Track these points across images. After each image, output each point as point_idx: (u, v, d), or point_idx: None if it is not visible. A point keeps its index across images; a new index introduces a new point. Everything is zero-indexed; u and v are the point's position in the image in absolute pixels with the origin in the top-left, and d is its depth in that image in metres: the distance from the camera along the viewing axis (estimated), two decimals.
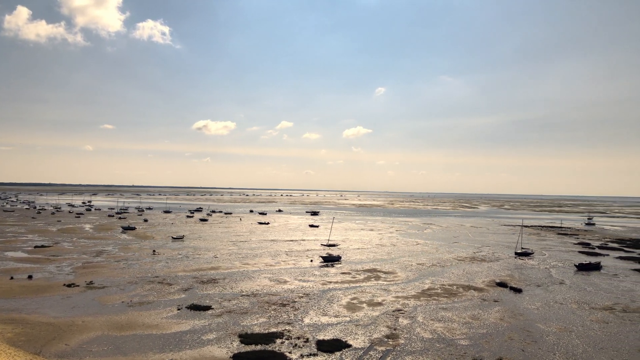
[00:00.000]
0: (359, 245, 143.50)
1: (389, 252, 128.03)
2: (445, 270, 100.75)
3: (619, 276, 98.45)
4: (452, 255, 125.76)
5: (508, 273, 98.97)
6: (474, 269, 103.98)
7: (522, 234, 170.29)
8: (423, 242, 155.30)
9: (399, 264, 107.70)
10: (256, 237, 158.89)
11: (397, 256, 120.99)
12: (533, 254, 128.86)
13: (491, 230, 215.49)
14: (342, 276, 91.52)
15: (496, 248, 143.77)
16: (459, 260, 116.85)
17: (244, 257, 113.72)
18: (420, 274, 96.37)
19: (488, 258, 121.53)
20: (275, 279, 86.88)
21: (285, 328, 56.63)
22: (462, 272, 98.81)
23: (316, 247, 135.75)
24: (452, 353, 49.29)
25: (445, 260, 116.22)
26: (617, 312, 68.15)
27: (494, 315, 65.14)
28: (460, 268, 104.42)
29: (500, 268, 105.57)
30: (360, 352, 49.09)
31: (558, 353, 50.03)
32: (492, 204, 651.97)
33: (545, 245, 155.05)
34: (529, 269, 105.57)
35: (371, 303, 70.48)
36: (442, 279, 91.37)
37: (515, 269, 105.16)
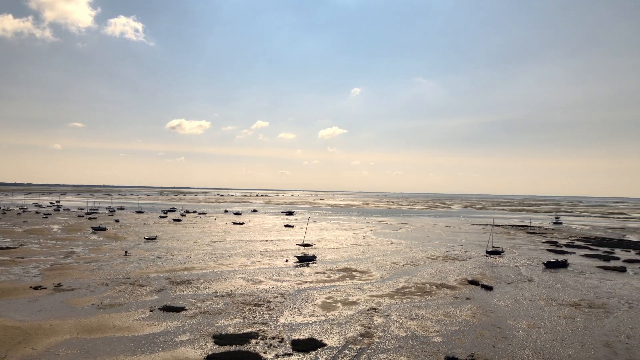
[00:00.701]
0: (334, 244, 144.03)
1: (364, 252, 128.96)
2: (419, 269, 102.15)
3: (584, 273, 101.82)
4: (426, 254, 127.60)
5: (479, 271, 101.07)
6: (446, 267, 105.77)
7: (493, 233, 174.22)
8: (397, 242, 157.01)
9: (373, 263, 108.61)
10: (231, 237, 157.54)
11: (371, 255, 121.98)
12: (503, 253, 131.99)
13: (463, 229, 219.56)
14: (317, 276, 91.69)
15: (468, 247, 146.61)
16: (432, 259, 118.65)
17: (218, 257, 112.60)
18: (394, 273, 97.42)
19: (460, 257, 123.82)
20: (250, 279, 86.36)
21: (260, 328, 56.38)
22: (435, 271, 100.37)
23: (291, 247, 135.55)
24: (425, 350, 50.03)
25: (419, 259, 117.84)
26: (583, 308, 70.49)
27: (466, 312, 66.43)
28: (433, 267, 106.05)
29: (472, 266, 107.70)
30: (335, 351, 49.30)
31: (527, 348, 51.41)
32: (464, 204, 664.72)
33: (515, 243, 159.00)
34: (500, 267, 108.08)
35: (346, 302, 70.86)
36: (415, 277, 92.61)
37: (487, 267, 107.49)
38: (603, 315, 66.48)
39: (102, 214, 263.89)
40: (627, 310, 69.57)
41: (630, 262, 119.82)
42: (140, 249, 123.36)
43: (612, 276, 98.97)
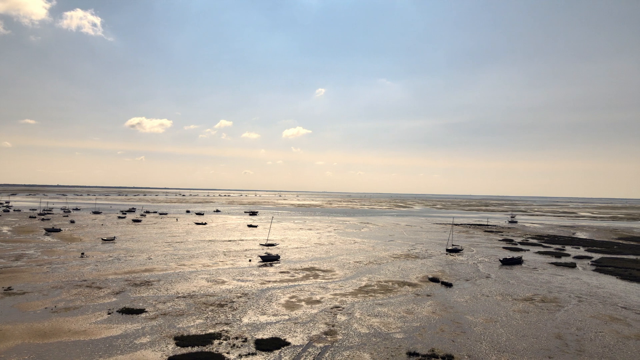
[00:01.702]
0: (298, 244, 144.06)
1: (327, 251, 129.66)
2: (382, 268, 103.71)
3: (537, 269, 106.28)
4: (388, 253, 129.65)
5: (440, 269, 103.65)
6: (408, 265, 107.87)
7: (452, 231, 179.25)
8: (360, 241, 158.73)
9: (337, 262, 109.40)
10: (193, 238, 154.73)
11: (335, 255, 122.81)
12: (462, 251, 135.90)
13: (424, 228, 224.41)
14: (281, 275, 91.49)
15: (429, 245, 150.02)
16: (394, 257, 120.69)
17: (180, 258, 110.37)
18: (357, 271, 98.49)
19: (421, 255, 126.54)
20: (212, 280, 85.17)
21: (223, 328, 55.76)
22: (397, 269, 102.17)
23: (255, 246, 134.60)
24: (387, 346, 50.91)
25: (382, 257, 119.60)
26: (536, 302, 73.60)
27: (426, 309, 68.02)
28: (395, 265, 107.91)
29: (432, 264, 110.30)
30: (299, 349, 49.41)
31: (484, 342, 53.22)
32: (425, 204, 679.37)
33: (473, 242, 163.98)
34: (459, 264, 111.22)
35: (310, 301, 71.09)
36: (378, 275, 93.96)
37: (447, 264, 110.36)
38: (555, 309, 69.62)
39: (56, 215, 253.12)
40: (577, 304, 73.15)
41: (579, 258, 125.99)
42: (98, 251, 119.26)
43: (563, 272, 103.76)
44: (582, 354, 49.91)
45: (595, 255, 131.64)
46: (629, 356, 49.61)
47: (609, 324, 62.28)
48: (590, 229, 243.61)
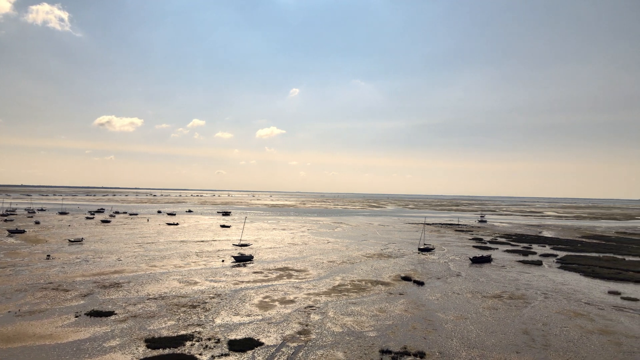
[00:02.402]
0: (271, 244, 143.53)
1: (301, 251, 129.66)
2: (355, 267, 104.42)
3: (506, 267, 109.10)
4: (361, 252, 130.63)
5: (412, 268, 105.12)
6: (381, 264, 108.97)
7: (424, 231, 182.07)
8: (334, 241, 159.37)
9: (310, 262, 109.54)
10: (164, 239, 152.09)
11: (308, 254, 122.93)
12: (434, 250, 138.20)
13: (397, 228, 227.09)
14: (254, 275, 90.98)
15: (401, 245, 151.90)
16: (367, 257, 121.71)
17: (151, 259, 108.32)
18: (331, 271, 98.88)
19: (394, 254, 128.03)
20: (185, 281, 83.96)
21: (196, 330, 55.08)
22: (370, 268, 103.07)
23: (228, 247, 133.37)
24: (361, 345, 51.35)
25: (355, 257, 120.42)
26: (505, 299, 75.56)
27: (399, 307, 68.91)
28: (368, 264, 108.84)
29: (405, 263, 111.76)
30: (273, 349, 49.30)
31: (455, 339, 54.32)
32: (398, 204, 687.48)
33: (444, 241, 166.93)
34: (431, 263, 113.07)
35: (283, 301, 70.98)
36: (351, 275, 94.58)
37: (419, 263, 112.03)
38: (522, 305, 71.64)
39: (20, 216, 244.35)
40: (543, 300, 75.47)
41: (545, 256, 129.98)
42: (65, 252, 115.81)
43: (530, 269, 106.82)
44: (548, 349, 51.54)
45: (560, 253, 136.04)
46: (592, 350, 51.52)
47: (573, 319, 64.51)
48: (555, 227, 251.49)
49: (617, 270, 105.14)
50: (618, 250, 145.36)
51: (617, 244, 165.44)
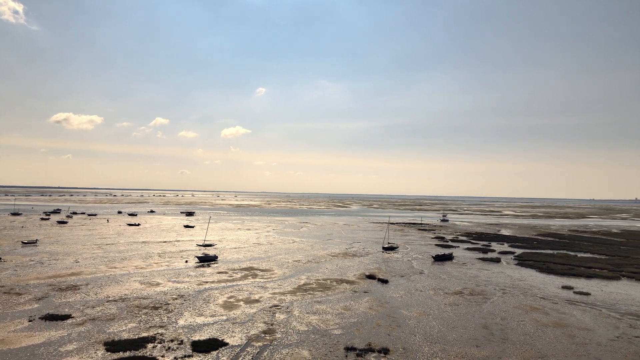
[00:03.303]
0: (236, 244, 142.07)
1: (266, 251, 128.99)
2: (320, 266, 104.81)
3: (467, 265, 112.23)
4: (327, 251, 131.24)
5: (376, 266, 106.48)
6: (346, 263, 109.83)
7: (388, 230, 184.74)
8: (299, 240, 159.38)
9: (275, 262, 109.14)
10: (125, 239, 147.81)
11: (273, 254, 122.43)
12: (398, 248, 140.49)
13: (362, 227, 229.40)
14: (218, 275, 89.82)
15: (366, 244, 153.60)
16: (332, 256, 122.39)
17: (110, 260, 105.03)
18: (296, 270, 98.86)
19: (359, 253, 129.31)
20: (146, 282, 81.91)
21: (158, 331, 53.86)
22: (335, 267, 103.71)
23: (191, 247, 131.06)
24: (326, 343, 51.63)
25: (320, 256, 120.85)
26: (465, 295, 77.73)
27: (364, 305, 69.68)
28: (333, 263, 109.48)
29: (369, 262, 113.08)
30: (237, 349, 48.86)
31: (418, 334, 55.46)
32: (362, 204, 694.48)
33: (408, 240, 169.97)
34: (394, 261, 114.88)
35: (248, 300, 70.44)
36: (317, 274, 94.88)
37: (383, 262, 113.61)
38: (482, 301, 73.90)
39: None
40: (502, 296, 78.11)
41: (503, 253, 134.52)
42: (17, 254, 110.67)
43: (489, 266, 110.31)
44: (506, 342, 53.41)
45: (518, 251, 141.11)
46: (547, 342, 53.75)
47: (529, 313, 67.07)
48: (513, 226, 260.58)
49: (570, 266, 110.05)
50: (571, 248, 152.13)
51: (570, 242, 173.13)
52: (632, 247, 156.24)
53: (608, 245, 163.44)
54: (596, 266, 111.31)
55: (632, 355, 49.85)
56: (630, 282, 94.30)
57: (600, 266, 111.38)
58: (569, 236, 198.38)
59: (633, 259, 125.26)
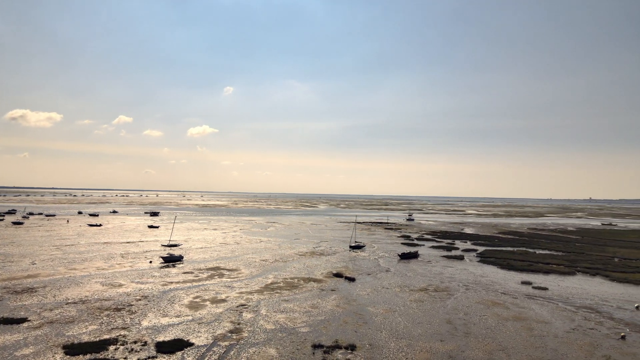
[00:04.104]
0: (202, 244, 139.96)
1: (233, 250, 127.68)
2: (288, 265, 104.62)
3: (431, 262, 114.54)
4: (294, 250, 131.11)
5: (343, 265, 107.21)
6: (313, 262, 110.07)
7: (355, 229, 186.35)
8: (266, 240, 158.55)
9: (242, 261, 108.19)
10: (86, 240, 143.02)
11: (241, 254, 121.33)
12: (364, 247, 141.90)
13: (329, 227, 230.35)
14: (184, 276, 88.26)
15: (333, 243, 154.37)
16: (300, 255, 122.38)
17: (70, 262, 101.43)
18: (263, 269, 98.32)
19: (326, 252, 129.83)
20: (108, 283, 79.56)
21: (121, 333, 52.44)
22: (303, 266, 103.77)
23: (156, 247, 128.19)
24: (293, 341, 51.62)
25: (288, 255, 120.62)
26: (430, 292, 79.35)
27: (331, 303, 70.05)
28: (301, 262, 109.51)
29: (336, 260, 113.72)
30: (203, 349, 48.18)
31: (384, 331, 56.24)
32: (330, 203, 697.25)
33: (374, 238, 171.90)
34: (361, 260, 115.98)
35: (215, 300, 69.56)
36: (284, 273, 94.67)
37: (350, 260, 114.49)
38: (446, 297, 75.63)
39: None
40: (465, 292, 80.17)
41: (467, 251, 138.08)
42: None
43: (453, 264, 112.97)
44: (469, 336, 54.89)
45: (480, 248, 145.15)
46: (507, 335, 55.57)
47: (491, 308, 69.14)
48: (475, 225, 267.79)
49: (529, 263, 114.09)
50: (530, 245, 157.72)
51: (529, 239, 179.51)
52: (586, 244, 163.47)
53: (564, 242, 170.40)
54: (553, 262, 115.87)
55: (586, 346, 52.20)
56: (584, 277, 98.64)
57: (557, 262, 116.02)
58: (528, 234, 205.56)
59: (587, 255, 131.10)
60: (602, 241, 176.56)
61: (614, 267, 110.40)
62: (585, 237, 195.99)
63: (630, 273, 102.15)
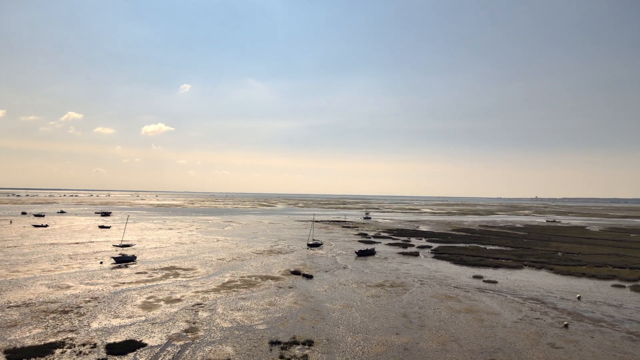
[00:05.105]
0: (157, 244, 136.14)
1: (189, 250, 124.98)
2: (245, 264, 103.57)
3: (388, 259, 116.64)
4: (252, 249, 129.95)
5: (301, 262, 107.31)
6: (271, 260, 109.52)
7: (313, 228, 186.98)
8: (223, 239, 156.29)
9: (199, 260, 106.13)
10: (30, 242, 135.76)
11: (197, 253, 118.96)
12: (322, 245, 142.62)
13: (287, 225, 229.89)
14: (137, 276, 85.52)
15: (291, 241, 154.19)
16: (257, 253, 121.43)
17: (12, 264, 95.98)
18: (220, 268, 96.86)
19: (284, 250, 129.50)
20: (55, 285, 75.91)
21: (68, 336, 50.15)
22: (260, 264, 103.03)
23: (107, 248, 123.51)
24: (250, 338, 51.16)
25: (245, 254, 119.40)
26: (386, 288, 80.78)
27: (288, 300, 69.94)
28: (259, 261, 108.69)
29: (294, 258, 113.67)
30: (157, 349, 46.88)
31: (342, 326, 56.74)
32: (288, 203, 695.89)
33: (332, 237, 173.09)
34: (319, 257, 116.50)
35: (169, 300, 67.84)
36: (241, 271, 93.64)
37: (308, 258, 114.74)
38: (402, 292, 77.24)
39: None
40: (420, 287, 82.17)
41: (422, 248, 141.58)
42: None
43: (408, 260, 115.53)
44: (423, 328, 56.32)
45: (434, 245, 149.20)
46: (459, 327, 57.42)
47: (444, 301, 71.24)
48: (430, 223, 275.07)
49: (480, 258, 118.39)
50: (481, 241, 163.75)
51: (480, 236, 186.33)
52: (532, 240, 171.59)
53: (513, 238, 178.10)
54: (502, 257, 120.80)
55: (533, 335, 54.76)
56: (531, 270, 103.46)
57: (506, 257, 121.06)
58: (480, 231, 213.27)
59: (533, 250, 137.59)
60: (546, 237, 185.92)
61: (557, 260, 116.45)
62: (532, 233, 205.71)
63: (572, 266, 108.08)
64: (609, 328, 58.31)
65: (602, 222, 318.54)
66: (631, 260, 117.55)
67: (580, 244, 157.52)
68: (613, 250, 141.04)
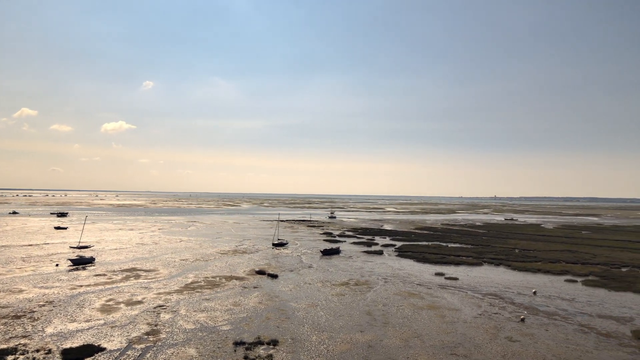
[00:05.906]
0: (117, 245, 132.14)
1: (151, 251, 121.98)
2: (209, 264, 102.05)
3: (352, 258, 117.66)
4: (216, 249, 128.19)
5: (266, 262, 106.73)
6: (236, 260, 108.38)
7: (278, 227, 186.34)
8: (187, 239, 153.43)
9: (161, 261, 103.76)
10: None
11: (159, 254, 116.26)
12: (287, 244, 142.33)
13: (252, 225, 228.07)
14: (95, 278, 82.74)
15: (256, 241, 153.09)
16: (222, 253, 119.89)
17: None
18: (183, 269, 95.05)
19: (249, 250, 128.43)
20: (6, 289, 72.43)
21: (20, 342, 47.98)
22: (225, 265, 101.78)
23: (64, 250, 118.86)
24: (214, 339, 50.48)
25: (209, 254, 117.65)
26: (351, 286, 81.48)
27: (253, 300, 69.44)
28: (223, 261, 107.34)
29: (259, 258, 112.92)
30: (117, 353, 45.54)
31: (307, 325, 56.83)
32: (253, 202, 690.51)
33: (297, 236, 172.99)
34: (284, 257, 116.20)
35: (130, 302, 66.01)
36: (205, 272, 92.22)
37: (273, 257, 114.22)
38: (366, 290, 78.09)
39: None
40: (384, 285, 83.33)
41: (386, 246, 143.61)
42: None
43: (373, 258, 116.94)
44: (387, 325, 57.16)
45: (398, 243, 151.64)
46: (422, 323, 58.62)
47: (407, 298, 72.54)
48: (394, 221, 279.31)
49: (442, 256, 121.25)
50: (443, 239, 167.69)
51: (442, 234, 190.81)
52: (491, 237, 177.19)
53: (473, 236, 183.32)
54: (463, 254, 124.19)
55: (491, 329, 56.57)
56: (490, 267, 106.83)
57: (467, 254, 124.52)
58: (442, 229, 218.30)
59: (492, 247, 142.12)
60: (504, 234, 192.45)
61: (515, 257, 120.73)
62: (491, 231, 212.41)
63: (529, 262, 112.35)
64: (563, 321, 60.98)
65: (556, 220, 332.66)
66: (582, 256, 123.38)
67: (536, 241, 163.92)
68: (566, 246, 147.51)
